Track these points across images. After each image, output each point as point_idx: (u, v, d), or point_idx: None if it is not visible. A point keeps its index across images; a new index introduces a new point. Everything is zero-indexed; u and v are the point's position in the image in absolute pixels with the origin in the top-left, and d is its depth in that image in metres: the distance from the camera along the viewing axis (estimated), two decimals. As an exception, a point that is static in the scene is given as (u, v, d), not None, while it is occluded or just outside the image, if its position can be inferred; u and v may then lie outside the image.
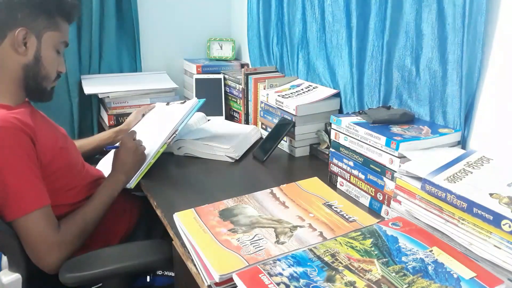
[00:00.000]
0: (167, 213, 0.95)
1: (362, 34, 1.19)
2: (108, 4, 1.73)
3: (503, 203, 0.67)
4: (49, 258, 0.89)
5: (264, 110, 1.46)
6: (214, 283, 0.69)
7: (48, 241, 0.89)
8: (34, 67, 0.99)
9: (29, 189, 0.89)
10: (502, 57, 0.89)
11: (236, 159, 1.29)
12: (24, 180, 0.88)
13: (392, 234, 0.74)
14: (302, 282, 0.61)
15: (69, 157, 1.05)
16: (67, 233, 0.93)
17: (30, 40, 0.97)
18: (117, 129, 1.42)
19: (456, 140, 0.96)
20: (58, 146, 1.01)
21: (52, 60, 1.03)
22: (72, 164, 1.06)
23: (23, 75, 0.99)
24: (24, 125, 0.90)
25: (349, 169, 1.03)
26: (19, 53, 0.97)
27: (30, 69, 0.99)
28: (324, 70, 1.39)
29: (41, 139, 0.94)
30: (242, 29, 1.88)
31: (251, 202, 0.92)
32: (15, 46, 0.96)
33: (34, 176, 0.90)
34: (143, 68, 1.91)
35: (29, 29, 0.97)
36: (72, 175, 1.04)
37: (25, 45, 0.97)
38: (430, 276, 0.63)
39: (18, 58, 0.97)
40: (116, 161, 1.12)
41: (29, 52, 0.98)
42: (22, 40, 0.96)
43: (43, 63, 1.00)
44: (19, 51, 0.96)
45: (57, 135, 1.05)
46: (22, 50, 0.97)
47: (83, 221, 0.98)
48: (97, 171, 1.20)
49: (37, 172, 0.91)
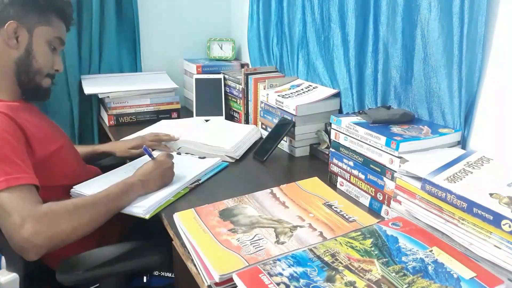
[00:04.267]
0: (167, 213, 0.95)
1: (362, 34, 1.19)
2: (108, 4, 1.73)
3: (503, 203, 0.67)
4: (23, 232, 0.78)
5: (264, 110, 1.46)
6: (214, 283, 0.69)
7: (23, 213, 0.80)
8: (25, 60, 1.02)
9: (7, 167, 0.84)
10: (502, 57, 0.89)
11: (236, 159, 1.29)
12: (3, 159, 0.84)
13: (392, 234, 0.74)
14: (302, 282, 0.61)
15: (66, 153, 1.05)
16: (49, 209, 0.83)
17: (21, 34, 1.00)
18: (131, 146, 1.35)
19: (456, 140, 0.96)
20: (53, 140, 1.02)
21: (45, 54, 1.05)
22: (68, 161, 1.06)
23: (15, 69, 1.01)
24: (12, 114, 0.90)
25: (349, 169, 1.03)
26: (10, 46, 0.99)
27: (22, 62, 1.02)
28: (324, 70, 1.39)
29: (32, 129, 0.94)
30: (242, 29, 1.88)
31: (251, 202, 0.92)
32: (5, 39, 0.98)
33: (16, 156, 0.86)
34: (143, 68, 1.91)
35: (20, 23, 0.99)
36: (66, 172, 1.04)
37: (16, 39, 1.00)
38: (430, 276, 0.63)
39: (10, 52, 1.00)
40: (143, 170, 1.03)
41: (20, 45, 1.01)
42: (13, 33, 0.99)
43: (34, 57, 1.03)
44: (10, 44, 0.99)
45: (53, 130, 1.06)
46: (13, 44, 0.99)
47: (72, 204, 0.88)
48: (97, 172, 1.20)
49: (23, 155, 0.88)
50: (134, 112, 1.70)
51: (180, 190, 1.06)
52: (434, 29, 0.97)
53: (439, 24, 0.95)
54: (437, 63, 0.99)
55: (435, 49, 0.98)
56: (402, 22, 1.05)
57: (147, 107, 1.72)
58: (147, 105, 1.72)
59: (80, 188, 1.03)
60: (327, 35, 1.35)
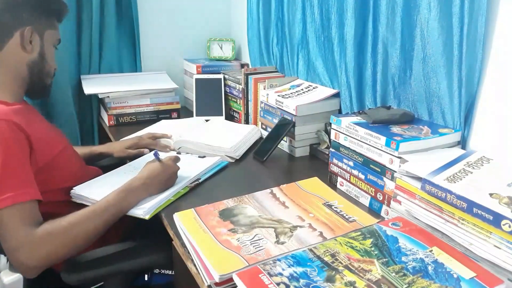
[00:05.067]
0: (167, 213, 0.95)
1: (361, 34, 1.19)
2: (108, 4, 1.73)
3: (503, 203, 0.67)
4: (18, 256, 0.82)
5: (264, 110, 1.46)
6: (214, 283, 0.69)
7: (18, 237, 0.82)
8: (39, 64, 1.05)
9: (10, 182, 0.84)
10: (502, 57, 0.89)
11: (236, 159, 1.29)
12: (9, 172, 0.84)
13: (392, 234, 0.74)
14: (302, 282, 0.61)
15: (68, 155, 1.05)
16: (45, 232, 0.84)
17: (35, 39, 1.03)
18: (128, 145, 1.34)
19: (456, 140, 0.96)
20: (56, 143, 1.02)
21: (52, 56, 1.10)
22: (69, 163, 1.06)
23: (27, 72, 1.04)
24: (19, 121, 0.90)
25: (349, 169, 1.03)
26: (26, 51, 1.02)
27: (35, 65, 1.05)
28: (324, 70, 1.40)
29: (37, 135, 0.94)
30: (242, 29, 1.88)
31: (251, 202, 0.92)
32: (23, 44, 1.01)
33: (21, 170, 0.87)
34: (143, 68, 1.91)
35: (33, 28, 1.02)
36: (68, 174, 1.04)
37: (30, 43, 1.02)
38: (430, 276, 0.63)
39: (24, 56, 1.02)
40: (149, 172, 1.02)
41: (34, 49, 1.04)
42: (29, 38, 1.01)
43: (47, 60, 1.07)
44: (27, 49, 1.02)
45: (54, 133, 1.06)
46: (30, 48, 1.02)
47: (68, 222, 0.87)
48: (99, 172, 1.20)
49: (27, 168, 0.88)
50: (134, 112, 1.70)
51: (180, 190, 1.06)
52: (433, 29, 0.97)
53: (439, 24, 0.95)
54: (437, 63, 0.99)
55: (435, 49, 0.98)
56: (401, 22, 1.05)
57: (147, 107, 1.72)
58: (147, 105, 1.72)
59: (79, 190, 1.03)
60: (327, 35, 1.35)
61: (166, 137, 1.40)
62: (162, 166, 1.03)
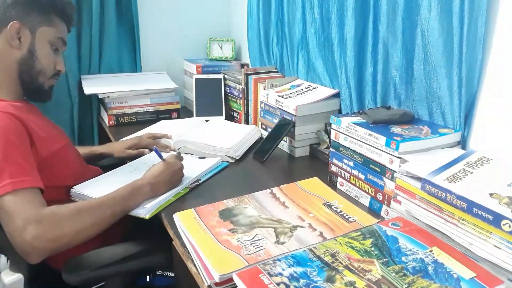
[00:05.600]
0: (167, 213, 0.95)
1: (361, 34, 1.19)
2: (108, 4, 1.73)
3: (503, 203, 0.67)
4: (25, 235, 0.78)
5: (264, 110, 1.46)
6: (214, 283, 0.69)
7: (26, 216, 0.80)
8: (28, 61, 1.02)
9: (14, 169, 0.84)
10: (502, 57, 0.89)
11: (236, 159, 1.29)
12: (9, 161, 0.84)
13: (392, 234, 0.74)
14: (302, 282, 0.61)
15: (68, 153, 1.05)
16: (52, 212, 0.83)
17: (24, 34, 1.01)
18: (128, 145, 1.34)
19: (456, 140, 0.96)
20: (56, 140, 1.02)
21: (47, 54, 1.06)
22: (70, 161, 1.06)
23: (18, 70, 1.02)
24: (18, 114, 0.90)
25: (349, 169, 1.03)
26: (13, 46, 1.00)
27: (24, 62, 1.02)
28: (324, 70, 1.39)
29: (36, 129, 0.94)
30: (242, 29, 1.88)
31: (251, 202, 0.92)
32: (8, 39, 0.98)
33: (22, 158, 0.86)
34: (143, 68, 1.91)
35: (22, 23, 1.00)
36: (69, 173, 1.04)
37: (19, 39, 1.00)
38: (430, 276, 0.63)
39: (12, 52, 1.00)
40: (153, 172, 1.02)
41: (23, 46, 1.01)
42: (15, 33, 0.99)
43: (37, 57, 1.03)
44: (12, 44, 0.99)
45: (55, 130, 1.07)
46: (15, 44, 1.00)
47: (76, 207, 0.88)
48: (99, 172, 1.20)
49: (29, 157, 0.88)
50: (134, 112, 1.70)
51: (180, 190, 1.06)
52: (434, 29, 0.97)
53: (439, 24, 0.95)
54: (437, 63, 0.99)
55: (435, 49, 0.98)
56: (402, 22, 1.05)
57: (147, 107, 1.72)
58: (147, 105, 1.72)
59: (80, 189, 1.03)
60: (327, 35, 1.35)
61: (166, 137, 1.41)
62: (165, 165, 1.03)
